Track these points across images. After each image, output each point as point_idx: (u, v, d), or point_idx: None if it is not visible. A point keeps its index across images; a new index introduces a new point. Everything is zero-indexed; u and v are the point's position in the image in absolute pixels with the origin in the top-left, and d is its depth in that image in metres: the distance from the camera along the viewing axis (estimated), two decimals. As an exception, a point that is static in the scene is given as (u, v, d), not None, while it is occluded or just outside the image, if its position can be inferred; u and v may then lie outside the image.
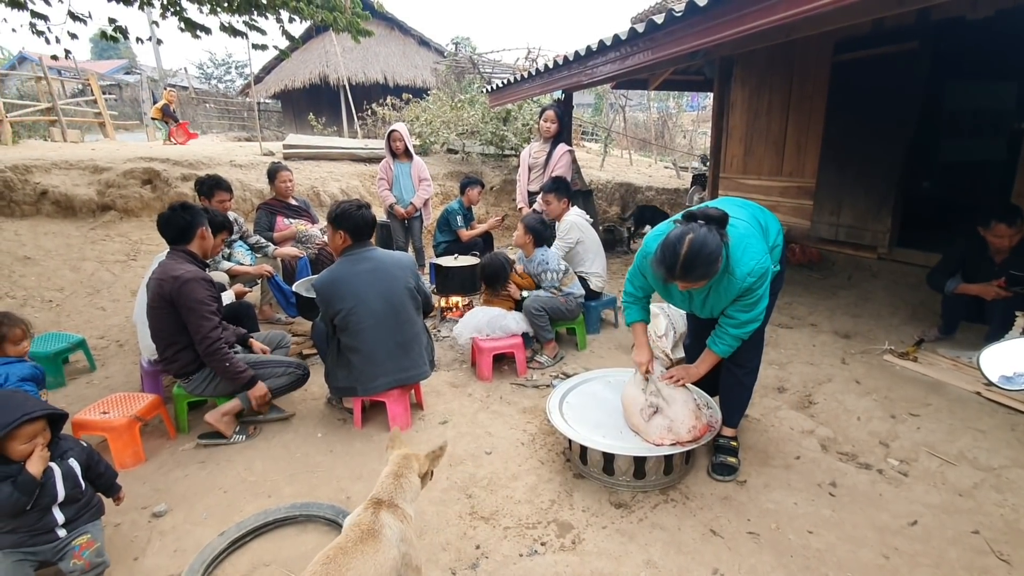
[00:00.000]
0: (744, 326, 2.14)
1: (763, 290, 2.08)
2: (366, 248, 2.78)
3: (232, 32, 5.35)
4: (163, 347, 2.66)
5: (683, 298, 2.31)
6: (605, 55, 4.24)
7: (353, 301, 2.65)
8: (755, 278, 2.02)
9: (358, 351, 2.71)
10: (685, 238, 1.87)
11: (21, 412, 1.70)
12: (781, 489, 2.29)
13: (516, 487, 2.36)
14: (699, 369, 2.32)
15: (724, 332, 2.19)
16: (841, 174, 5.64)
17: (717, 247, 1.87)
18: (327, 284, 2.69)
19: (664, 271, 1.94)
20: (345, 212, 2.68)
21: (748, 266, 2.01)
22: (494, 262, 3.72)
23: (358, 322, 2.67)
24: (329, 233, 2.81)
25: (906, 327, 3.98)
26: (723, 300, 2.16)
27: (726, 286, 2.08)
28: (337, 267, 2.74)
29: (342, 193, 7.57)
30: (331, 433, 2.87)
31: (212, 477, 2.50)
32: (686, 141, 17.06)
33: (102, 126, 11.02)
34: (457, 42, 15.08)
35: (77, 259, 5.14)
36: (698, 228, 1.88)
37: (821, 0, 2.42)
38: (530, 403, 3.14)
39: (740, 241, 2.04)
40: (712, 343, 2.25)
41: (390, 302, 2.73)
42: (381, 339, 2.73)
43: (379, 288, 2.70)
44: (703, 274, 1.90)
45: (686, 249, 1.85)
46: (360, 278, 2.68)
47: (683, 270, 1.88)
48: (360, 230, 2.73)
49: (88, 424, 2.57)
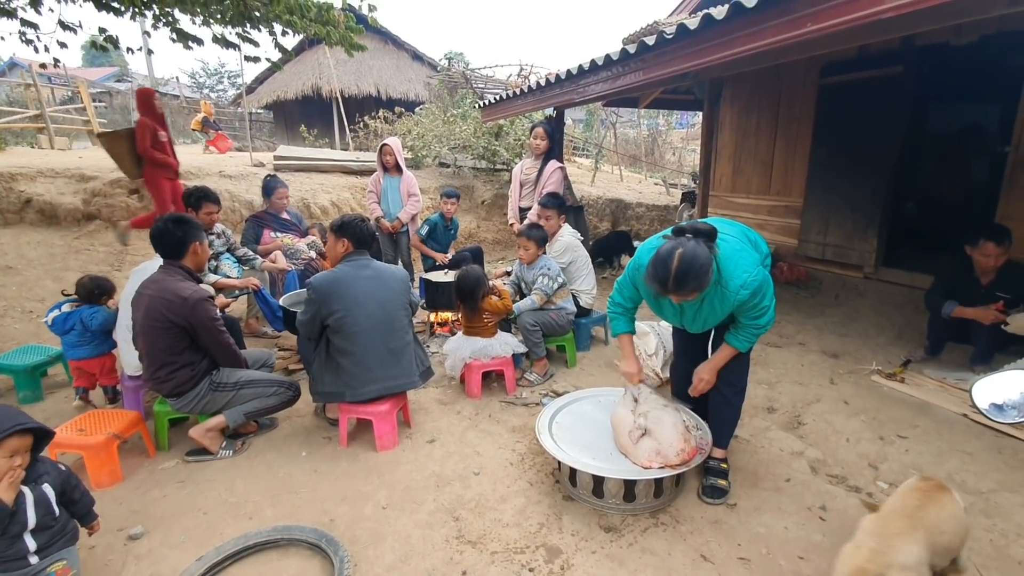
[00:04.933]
0: (760, 329, 2.19)
1: (767, 300, 2.11)
2: (365, 257, 2.84)
3: (224, 44, 5.34)
4: (156, 367, 2.59)
5: (674, 312, 2.31)
6: (597, 74, 4.28)
7: (352, 303, 2.67)
8: (749, 291, 2.03)
9: (350, 354, 2.70)
10: (675, 252, 1.89)
11: (13, 422, 1.65)
12: (771, 512, 2.27)
13: (504, 509, 2.32)
14: (718, 360, 2.31)
15: (743, 328, 2.20)
16: (828, 194, 5.72)
17: (707, 260, 1.89)
18: (328, 282, 2.69)
19: (657, 285, 1.96)
20: (349, 222, 2.80)
21: (740, 279, 2.03)
22: (469, 276, 3.39)
23: (353, 324, 2.67)
24: (331, 242, 2.86)
25: (893, 347, 4.01)
26: (717, 313, 2.17)
27: (720, 299, 2.10)
28: (339, 269, 2.77)
29: (332, 205, 7.55)
30: (316, 452, 2.81)
31: (191, 498, 2.43)
32: (675, 158, 17.25)
33: (90, 134, 10.92)
34: (451, 57, 15.18)
35: (60, 269, 5.05)
36: (687, 242, 1.91)
37: (807, 28, 2.46)
38: (519, 421, 3.11)
39: (731, 255, 2.07)
40: (733, 339, 2.24)
41: (386, 308, 2.76)
42: (374, 344, 2.72)
43: (377, 295, 2.74)
44: (695, 287, 1.91)
45: (676, 263, 1.88)
46: (361, 282, 2.72)
47: (675, 283, 1.90)
48: (362, 239, 2.82)
49: (63, 442, 2.49)
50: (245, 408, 2.77)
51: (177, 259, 2.67)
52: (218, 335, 2.66)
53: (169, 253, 2.68)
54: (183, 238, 2.66)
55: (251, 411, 2.80)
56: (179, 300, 2.50)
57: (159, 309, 2.51)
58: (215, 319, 2.64)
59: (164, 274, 2.63)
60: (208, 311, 2.60)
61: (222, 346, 2.70)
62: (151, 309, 2.53)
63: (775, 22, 2.60)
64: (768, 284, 2.11)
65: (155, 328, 2.54)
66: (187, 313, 2.52)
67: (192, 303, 2.52)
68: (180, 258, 2.68)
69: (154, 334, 2.55)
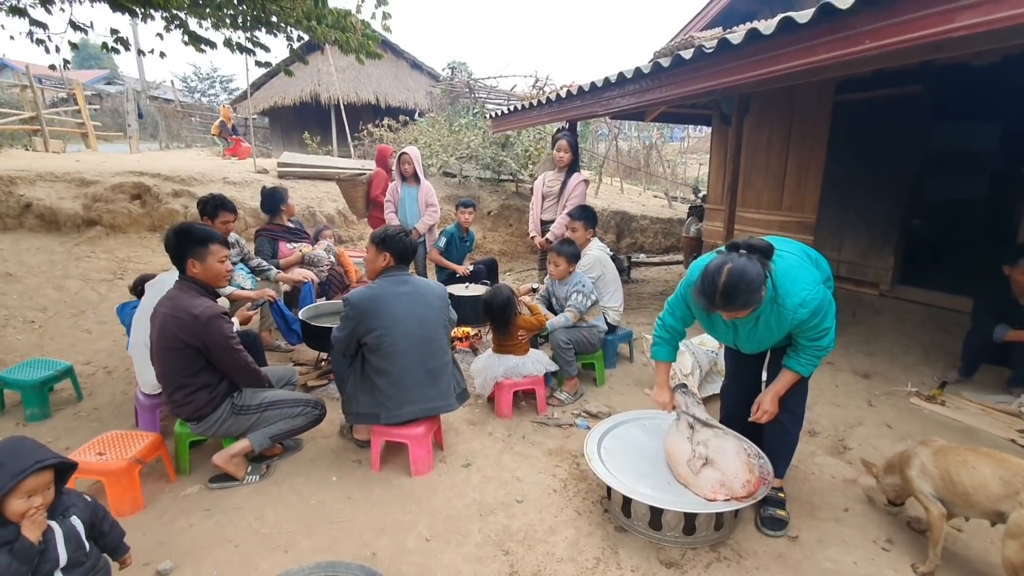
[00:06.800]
0: (822, 351, 2.09)
1: (828, 321, 2.02)
2: (405, 272, 2.73)
3: (236, 48, 5.21)
4: (172, 389, 2.43)
5: (727, 330, 2.22)
6: (623, 87, 4.21)
7: (391, 321, 2.55)
8: (808, 310, 1.95)
9: (387, 374, 2.57)
10: (724, 267, 1.85)
11: (32, 460, 1.50)
12: (836, 546, 2.18)
13: (556, 542, 2.20)
14: (779, 388, 2.19)
15: (803, 350, 2.10)
16: (842, 211, 5.71)
17: (758, 276, 1.83)
18: (366, 299, 2.57)
19: (704, 300, 1.92)
20: (392, 236, 2.67)
21: (799, 296, 1.95)
22: (499, 296, 3.26)
23: (392, 343, 2.54)
24: (371, 254, 2.73)
25: (922, 367, 3.96)
26: (774, 333, 2.09)
27: (776, 318, 2.02)
28: (378, 285, 2.65)
29: (338, 214, 7.42)
30: (346, 476, 2.67)
31: (220, 528, 2.28)
32: (669, 171, 17.32)
33: (84, 136, 10.69)
34: (453, 67, 15.14)
35: (61, 276, 4.85)
36: (737, 258, 1.87)
37: (865, 44, 2.41)
38: (555, 444, 2.99)
39: (788, 272, 2.00)
40: (793, 363, 2.14)
41: (425, 327, 2.64)
42: (412, 364, 2.60)
43: (417, 312, 2.62)
44: (744, 303, 1.86)
45: (724, 278, 1.83)
46: (400, 299, 2.60)
47: (723, 299, 1.85)
48: (405, 254, 2.70)
49: (82, 466, 2.32)
50: (271, 431, 2.63)
51: (182, 271, 2.52)
52: (234, 354, 2.47)
53: (175, 263, 2.53)
54: (177, 253, 2.47)
55: (277, 433, 2.65)
56: (190, 318, 2.33)
57: (171, 328, 2.35)
58: (230, 337, 2.45)
59: (178, 290, 2.47)
60: (222, 329, 2.40)
61: (239, 365, 2.51)
62: (164, 328, 2.38)
63: (828, 39, 2.55)
64: (830, 304, 2.02)
65: (168, 349, 2.39)
66: (199, 332, 2.34)
67: (204, 321, 2.34)
68: (182, 270, 2.52)
69: (168, 355, 2.40)
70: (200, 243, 2.49)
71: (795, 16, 2.61)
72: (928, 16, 2.13)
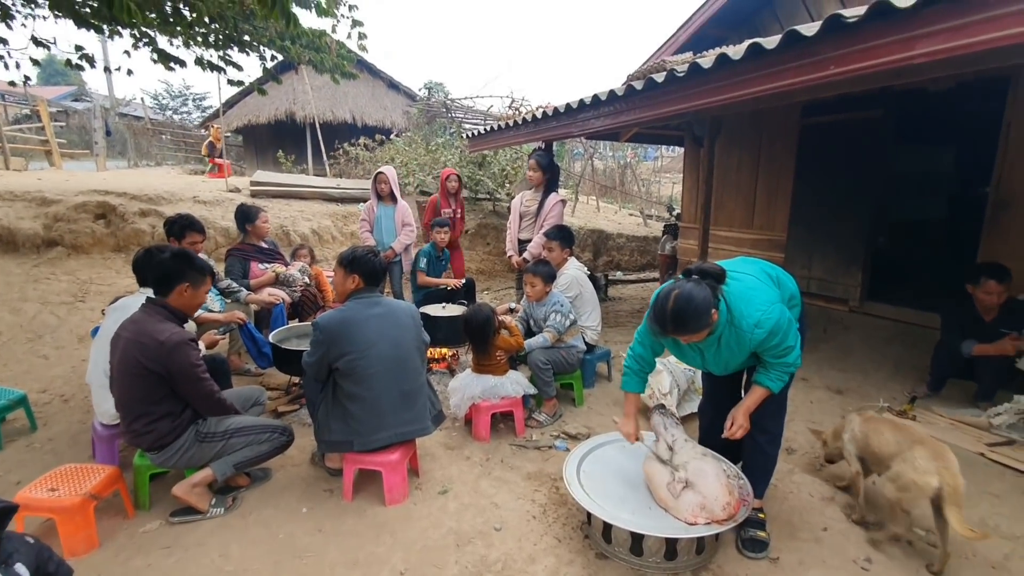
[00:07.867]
0: (789, 367, 2.11)
1: (790, 340, 2.04)
2: (376, 294, 2.66)
3: (208, 67, 5.14)
4: (132, 418, 2.31)
5: (695, 354, 2.25)
6: (598, 109, 4.27)
7: (364, 344, 2.47)
8: (765, 330, 1.98)
9: (361, 399, 2.49)
10: (672, 294, 1.92)
11: None
12: (817, 567, 2.16)
13: (535, 572, 2.14)
14: (749, 404, 2.20)
15: (771, 367, 2.12)
16: (811, 230, 5.86)
17: (704, 300, 1.89)
18: (336, 323, 2.49)
19: (658, 327, 2.00)
20: (360, 257, 2.61)
21: (753, 317, 1.99)
22: (478, 315, 3.24)
23: (366, 367, 2.47)
24: (339, 277, 2.66)
25: (892, 383, 4.04)
26: (736, 354, 2.11)
27: (736, 339, 2.04)
28: (348, 308, 2.57)
29: (313, 234, 7.30)
30: (317, 507, 2.57)
31: (181, 567, 2.16)
32: (644, 189, 17.65)
33: (48, 154, 10.37)
34: (430, 87, 15.23)
35: (17, 299, 4.64)
36: (686, 284, 1.94)
37: (829, 71, 2.49)
38: (534, 467, 2.94)
39: (743, 293, 2.04)
40: (763, 379, 2.15)
41: (399, 348, 2.58)
42: (387, 387, 2.53)
43: (390, 334, 2.55)
44: (695, 328, 1.92)
45: (672, 304, 1.91)
46: (371, 322, 2.53)
47: (673, 324, 1.92)
48: (374, 275, 2.64)
49: (32, 504, 2.19)
50: (234, 459, 2.52)
51: (162, 295, 2.43)
52: (199, 383, 2.37)
53: (155, 285, 2.44)
54: (171, 273, 2.40)
55: (241, 461, 2.54)
56: (155, 344, 2.24)
57: (133, 354, 2.25)
58: (196, 365, 2.34)
59: (144, 313, 2.37)
60: (188, 356, 2.30)
61: (203, 395, 2.40)
62: (126, 354, 2.27)
63: (794, 64, 2.63)
64: (787, 322, 2.04)
65: (130, 374, 2.28)
66: (163, 358, 2.25)
67: (170, 347, 2.25)
68: (165, 295, 2.43)
69: (129, 381, 2.29)
70: (201, 273, 2.49)
71: (763, 42, 2.68)
72: (889, 44, 2.21)
